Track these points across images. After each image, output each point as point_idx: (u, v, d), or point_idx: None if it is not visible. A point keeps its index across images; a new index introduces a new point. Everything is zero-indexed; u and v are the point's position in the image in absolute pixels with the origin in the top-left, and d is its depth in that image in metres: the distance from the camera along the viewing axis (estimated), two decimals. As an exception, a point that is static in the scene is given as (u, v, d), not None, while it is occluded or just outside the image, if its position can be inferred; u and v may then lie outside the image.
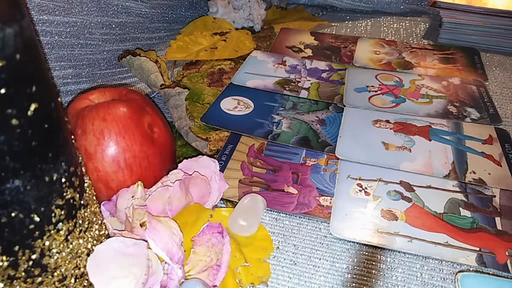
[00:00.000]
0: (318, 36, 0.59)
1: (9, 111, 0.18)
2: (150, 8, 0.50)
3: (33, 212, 0.21)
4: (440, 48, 0.55)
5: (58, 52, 0.39)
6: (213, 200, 0.33)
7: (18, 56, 0.18)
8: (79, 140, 0.30)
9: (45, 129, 0.20)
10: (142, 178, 0.31)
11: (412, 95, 0.46)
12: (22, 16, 0.18)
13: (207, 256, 0.29)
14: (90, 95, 0.34)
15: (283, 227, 0.33)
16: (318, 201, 0.34)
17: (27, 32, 0.18)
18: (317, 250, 0.31)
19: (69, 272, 0.24)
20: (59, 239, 0.23)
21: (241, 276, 0.29)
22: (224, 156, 0.39)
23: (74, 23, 0.40)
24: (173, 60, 0.52)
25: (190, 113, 0.43)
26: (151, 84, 0.47)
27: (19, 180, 0.19)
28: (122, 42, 0.47)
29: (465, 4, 0.57)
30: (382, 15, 0.65)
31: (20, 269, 0.21)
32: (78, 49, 0.41)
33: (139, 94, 0.35)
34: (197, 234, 0.30)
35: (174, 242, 0.27)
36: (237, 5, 0.60)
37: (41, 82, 0.20)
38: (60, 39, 0.39)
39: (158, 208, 0.30)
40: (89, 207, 0.25)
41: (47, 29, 0.38)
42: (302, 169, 0.37)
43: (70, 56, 0.41)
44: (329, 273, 0.30)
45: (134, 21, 0.48)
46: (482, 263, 0.30)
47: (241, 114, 0.43)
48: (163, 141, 0.33)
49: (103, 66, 0.45)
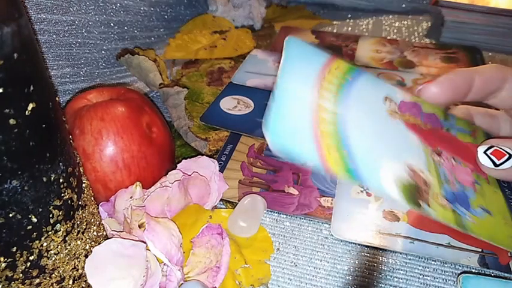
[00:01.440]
0: (319, 34, 0.58)
1: (6, 110, 0.18)
2: (149, 7, 0.50)
3: (31, 213, 0.21)
4: (443, 47, 0.55)
5: (56, 51, 0.39)
6: (212, 200, 0.33)
7: (16, 55, 0.18)
8: (77, 140, 0.30)
9: (43, 129, 0.20)
10: (140, 178, 0.31)
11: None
12: (20, 15, 0.18)
13: (206, 257, 0.29)
14: (88, 95, 0.33)
15: (284, 228, 0.33)
16: (319, 202, 0.34)
17: (25, 31, 0.18)
18: (318, 251, 0.31)
19: (67, 274, 0.24)
20: (56, 240, 0.22)
21: (241, 278, 0.29)
22: (224, 156, 0.38)
23: (72, 21, 0.40)
24: (172, 59, 0.51)
25: (190, 113, 0.43)
26: (150, 84, 0.46)
27: (17, 181, 0.19)
28: (120, 41, 0.47)
29: (467, 3, 0.57)
30: (383, 14, 0.64)
31: (17, 270, 0.21)
32: (76, 48, 0.41)
33: (137, 93, 0.35)
34: (196, 236, 0.29)
35: (173, 243, 0.27)
36: (236, 3, 0.59)
37: (38, 81, 0.19)
38: (58, 38, 0.39)
39: (157, 209, 0.29)
40: (87, 208, 0.25)
41: (44, 27, 0.37)
42: (303, 169, 0.37)
43: (68, 55, 0.40)
44: (330, 274, 0.30)
45: (133, 20, 0.48)
46: (484, 264, 0.29)
47: (241, 113, 0.43)
48: (162, 141, 0.33)
49: (101, 65, 0.45)
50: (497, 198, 0.29)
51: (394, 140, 0.27)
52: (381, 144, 0.26)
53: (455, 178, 0.28)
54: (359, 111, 0.27)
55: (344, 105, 0.26)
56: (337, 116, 0.26)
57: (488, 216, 0.27)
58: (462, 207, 0.26)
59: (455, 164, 0.28)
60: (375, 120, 0.27)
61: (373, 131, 0.26)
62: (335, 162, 0.24)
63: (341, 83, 0.27)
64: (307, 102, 0.25)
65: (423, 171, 0.26)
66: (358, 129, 0.26)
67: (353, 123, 0.26)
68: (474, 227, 0.26)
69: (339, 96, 0.26)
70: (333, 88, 0.27)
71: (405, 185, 0.25)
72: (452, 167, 0.28)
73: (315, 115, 0.25)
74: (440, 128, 0.29)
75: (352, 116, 0.26)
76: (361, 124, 0.26)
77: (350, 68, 0.28)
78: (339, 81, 0.27)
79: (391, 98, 0.28)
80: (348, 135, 0.25)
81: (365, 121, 0.27)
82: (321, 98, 0.26)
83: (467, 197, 0.27)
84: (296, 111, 0.25)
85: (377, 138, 0.26)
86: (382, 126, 0.27)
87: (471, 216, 0.26)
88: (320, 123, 0.25)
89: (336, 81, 0.27)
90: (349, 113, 0.26)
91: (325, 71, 0.27)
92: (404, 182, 0.25)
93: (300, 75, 0.26)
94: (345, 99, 0.27)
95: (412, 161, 0.26)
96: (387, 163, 0.25)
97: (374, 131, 0.26)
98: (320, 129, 0.24)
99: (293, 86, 0.26)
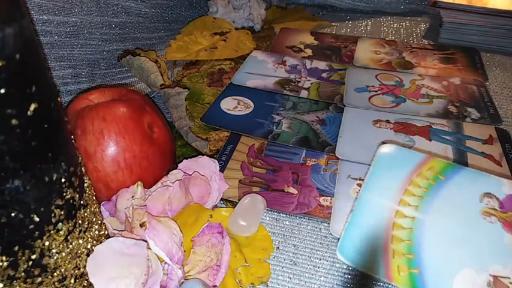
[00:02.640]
0: (318, 36, 0.59)
1: (8, 111, 0.18)
2: (150, 8, 0.50)
3: (33, 212, 0.21)
4: (441, 48, 0.55)
5: (58, 52, 0.39)
6: (213, 200, 0.33)
7: (18, 55, 0.18)
8: (79, 140, 0.30)
9: (44, 129, 0.20)
10: (142, 178, 0.31)
11: (412, 95, 0.46)
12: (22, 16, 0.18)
13: (207, 256, 0.29)
14: (89, 95, 0.34)
15: (283, 227, 0.33)
16: (318, 201, 0.34)
17: (26, 32, 0.18)
18: (317, 250, 0.31)
19: (69, 272, 0.24)
20: (58, 239, 0.23)
21: (241, 277, 0.29)
22: (224, 156, 0.39)
23: (74, 22, 0.40)
24: (173, 60, 0.52)
25: (190, 113, 0.43)
26: (151, 84, 0.47)
27: (19, 181, 0.19)
28: (121, 42, 0.47)
29: (466, 4, 0.57)
30: (382, 15, 0.65)
31: (19, 269, 0.21)
32: (77, 49, 0.41)
33: (139, 94, 0.35)
34: (197, 235, 0.30)
35: (174, 242, 0.27)
36: (237, 5, 0.60)
37: (40, 82, 0.20)
38: (60, 39, 0.39)
39: (158, 208, 0.30)
40: (89, 208, 0.25)
41: (46, 28, 0.38)
42: (302, 169, 0.37)
43: (70, 56, 0.41)
44: (329, 273, 0.30)
45: (134, 21, 0.48)
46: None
47: (241, 114, 0.43)
48: (163, 141, 0.33)
49: (103, 66, 0.45)
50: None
51: (483, 245, 0.25)
52: (463, 251, 0.24)
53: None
54: (443, 214, 0.25)
55: (427, 208, 0.25)
56: (415, 221, 0.24)
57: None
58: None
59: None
60: (462, 223, 0.25)
61: (456, 236, 0.25)
62: (402, 281, 0.23)
63: (430, 184, 0.26)
64: (386, 212, 0.24)
65: (511, 278, 0.24)
66: (437, 235, 0.24)
67: (433, 228, 0.24)
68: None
69: (423, 200, 0.25)
70: (418, 192, 0.25)
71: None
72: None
73: (390, 223, 0.24)
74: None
75: (433, 220, 0.25)
76: (443, 229, 0.25)
77: (446, 166, 0.27)
78: (428, 183, 0.26)
79: (493, 193, 0.26)
80: (423, 241, 0.24)
81: (449, 225, 0.25)
82: (402, 204, 0.25)
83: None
84: (372, 223, 0.24)
85: (459, 244, 0.25)
86: (470, 230, 0.25)
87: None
88: (394, 228, 0.24)
89: (425, 184, 0.26)
90: (430, 217, 0.25)
91: (415, 174, 0.26)
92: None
93: (383, 188, 0.25)
94: (430, 202, 0.25)
95: (499, 267, 0.24)
96: (466, 272, 0.24)
97: (458, 236, 0.25)
98: (392, 236, 0.24)
99: (375, 199, 0.25)
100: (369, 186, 0.26)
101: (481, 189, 0.27)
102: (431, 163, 0.27)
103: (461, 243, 0.25)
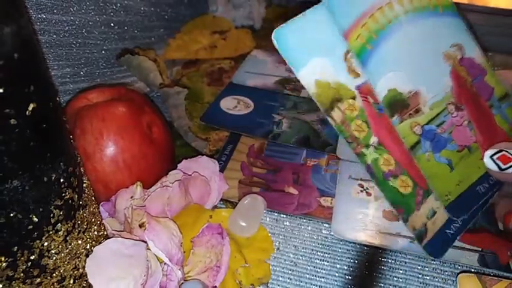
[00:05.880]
0: (318, 35, 0.58)
1: (7, 110, 0.18)
2: (149, 7, 0.50)
3: (31, 213, 0.21)
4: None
5: (56, 51, 0.39)
6: (212, 200, 0.33)
7: (16, 55, 0.18)
8: (78, 140, 0.30)
9: (43, 129, 0.20)
10: (141, 178, 0.31)
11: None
12: (20, 15, 0.18)
13: (206, 257, 0.29)
14: (88, 94, 0.34)
15: (284, 228, 0.33)
16: (319, 201, 0.34)
17: (25, 31, 0.18)
18: (318, 251, 0.31)
19: (68, 273, 0.24)
20: (57, 240, 0.23)
21: (241, 277, 0.29)
22: (224, 156, 0.38)
23: (73, 21, 0.40)
24: (172, 59, 0.51)
25: (190, 113, 0.43)
26: (150, 84, 0.46)
27: (17, 181, 0.19)
28: (120, 41, 0.47)
29: (467, 3, 0.57)
30: (382, 14, 0.65)
31: (18, 269, 0.21)
32: (76, 48, 0.41)
33: (138, 93, 0.35)
34: (197, 235, 0.29)
35: (174, 242, 0.27)
36: (236, 3, 0.60)
37: (39, 81, 0.19)
38: (59, 38, 0.39)
39: (157, 209, 0.29)
40: (88, 208, 0.25)
41: (45, 27, 0.37)
42: (302, 169, 0.37)
43: (68, 55, 0.40)
44: (330, 274, 0.30)
45: (133, 20, 0.48)
46: (484, 263, 0.29)
47: (241, 113, 0.43)
48: (162, 141, 0.33)
49: (102, 65, 0.45)
50: (474, 171, 0.28)
51: (427, 71, 0.26)
52: (413, 65, 0.26)
53: (451, 131, 0.27)
54: (419, 30, 0.26)
55: (412, 19, 0.26)
56: (397, 19, 0.25)
57: (446, 168, 0.27)
58: (430, 146, 0.26)
59: (464, 125, 0.28)
60: (427, 48, 0.27)
61: (415, 51, 0.26)
62: (359, 36, 0.24)
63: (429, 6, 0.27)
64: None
65: (424, 104, 0.26)
66: (404, 39, 0.26)
67: (406, 33, 0.26)
68: (423, 161, 0.26)
69: (416, 12, 0.26)
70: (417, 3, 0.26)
71: (395, 94, 0.25)
72: (458, 125, 0.27)
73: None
74: (484, 99, 0.28)
75: (409, 29, 0.26)
76: (411, 38, 0.26)
77: (450, 5, 0.28)
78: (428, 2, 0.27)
79: (464, 48, 0.28)
80: (391, 38, 0.25)
81: (418, 41, 0.26)
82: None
83: (444, 146, 0.27)
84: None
85: (414, 58, 0.26)
86: (428, 56, 0.26)
87: (430, 155, 0.26)
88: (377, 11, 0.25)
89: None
90: (411, 26, 0.26)
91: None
92: (398, 91, 0.25)
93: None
94: (419, 16, 0.27)
95: (424, 90, 0.26)
96: (402, 74, 0.25)
97: (417, 52, 0.26)
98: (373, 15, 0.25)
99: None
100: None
101: (460, 39, 0.28)
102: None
103: (416, 60, 0.27)
